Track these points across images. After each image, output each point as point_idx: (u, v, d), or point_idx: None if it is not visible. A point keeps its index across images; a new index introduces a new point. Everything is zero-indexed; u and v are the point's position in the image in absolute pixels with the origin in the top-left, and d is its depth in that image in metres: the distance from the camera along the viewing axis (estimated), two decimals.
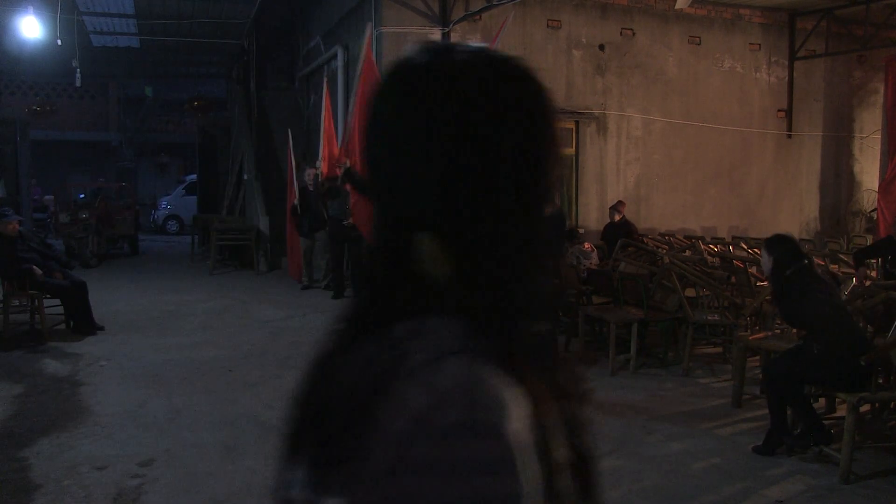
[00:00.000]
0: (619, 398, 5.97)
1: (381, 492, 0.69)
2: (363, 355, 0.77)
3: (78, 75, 15.24)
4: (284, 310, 9.65)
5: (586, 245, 8.47)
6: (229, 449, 4.76)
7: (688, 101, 13.13)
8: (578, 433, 0.92)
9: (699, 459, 4.69)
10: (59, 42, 12.54)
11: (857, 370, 4.53)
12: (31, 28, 11.82)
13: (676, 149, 13.07)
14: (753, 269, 7.44)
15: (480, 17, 11.56)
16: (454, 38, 11.51)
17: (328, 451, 0.74)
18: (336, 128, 12.25)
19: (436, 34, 11.46)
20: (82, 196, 21.00)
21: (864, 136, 14.75)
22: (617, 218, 10.45)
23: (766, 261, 5.02)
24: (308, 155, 13.26)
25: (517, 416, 0.71)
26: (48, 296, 8.01)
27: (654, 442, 5.01)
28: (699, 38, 13.16)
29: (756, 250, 8.73)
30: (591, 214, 12.51)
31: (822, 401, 5.63)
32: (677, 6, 11.61)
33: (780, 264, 4.86)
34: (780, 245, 4.95)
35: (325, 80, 12.49)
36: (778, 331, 6.45)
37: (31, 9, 11.59)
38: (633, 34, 12.68)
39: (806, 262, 4.92)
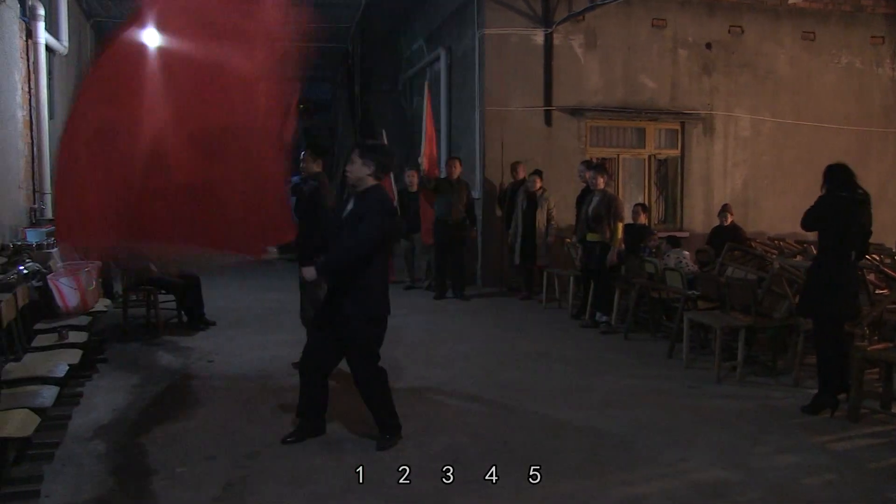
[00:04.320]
0: (725, 406, 5.79)
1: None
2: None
3: None
4: None
5: (685, 253, 8.42)
6: (331, 444, 4.85)
7: (799, 99, 12.61)
8: None
9: (811, 475, 4.47)
10: None
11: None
12: (153, 39, 12.37)
13: (787, 150, 12.57)
14: (872, 276, 7.08)
15: (584, 17, 11.44)
16: (557, 39, 11.43)
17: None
18: (438, 129, 12.36)
19: (538, 36, 11.40)
20: None
21: None
22: (728, 221, 10.14)
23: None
24: (410, 156, 13.40)
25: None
26: (163, 291, 8.37)
27: (761, 454, 4.82)
28: (813, 33, 12.60)
29: (874, 256, 8.29)
30: (697, 217, 12.18)
31: None
32: (791, 0, 11.17)
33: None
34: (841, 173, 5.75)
35: (427, 82, 12.58)
36: None
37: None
38: (742, 31, 12.28)
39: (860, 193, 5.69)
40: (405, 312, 9.47)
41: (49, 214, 9.10)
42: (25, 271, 6.50)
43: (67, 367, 4.99)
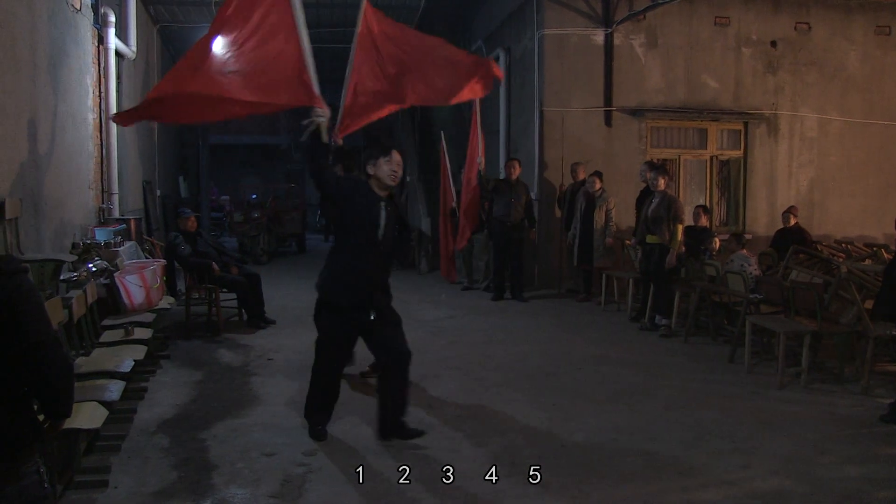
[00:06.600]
0: (789, 413, 5.64)
1: None
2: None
3: None
4: (444, 310, 9.80)
5: (744, 251, 8.23)
6: (388, 445, 4.88)
7: (871, 97, 12.22)
8: None
9: (882, 488, 4.31)
10: None
11: None
12: None
13: (856, 150, 12.20)
14: None
15: (644, 16, 11.29)
16: (617, 38, 11.30)
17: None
18: (486, 131, 12.29)
19: (598, 35, 11.30)
20: (254, 196, 22.25)
21: None
22: (792, 223, 9.90)
23: None
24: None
25: None
26: (225, 290, 8.54)
27: (827, 464, 4.68)
28: (888, 27, 12.18)
29: None
30: (760, 220, 11.92)
31: None
32: None
33: None
34: None
35: None
36: None
37: None
38: (809, 28, 11.97)
39: None
40: (463, 313, 9.49)
41: (117, 214, 9.36)
42: (94, 269, 6.69)
43: (133, 363, 5.13)
